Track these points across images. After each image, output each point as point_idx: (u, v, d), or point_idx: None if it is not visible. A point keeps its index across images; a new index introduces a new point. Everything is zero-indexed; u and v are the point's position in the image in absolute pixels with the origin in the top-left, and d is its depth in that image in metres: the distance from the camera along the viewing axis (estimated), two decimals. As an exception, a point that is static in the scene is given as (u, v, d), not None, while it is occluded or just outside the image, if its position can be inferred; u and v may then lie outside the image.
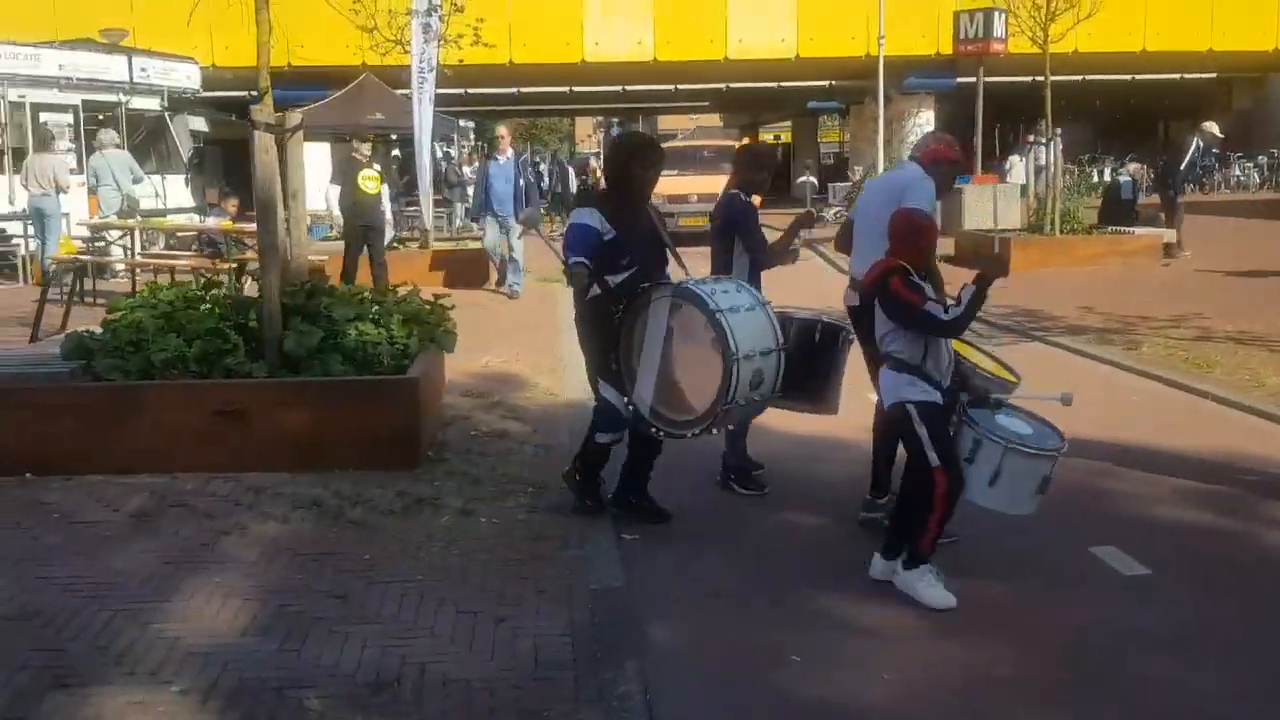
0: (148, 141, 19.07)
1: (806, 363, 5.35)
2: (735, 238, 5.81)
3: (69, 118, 16.99)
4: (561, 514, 5.42)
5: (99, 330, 6.58)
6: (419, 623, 4.17)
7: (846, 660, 4.08)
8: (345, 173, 13.07)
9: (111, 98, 17.49)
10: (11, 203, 15.47)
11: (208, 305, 6.71)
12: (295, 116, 7.29)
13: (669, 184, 23.48)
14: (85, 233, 14.03)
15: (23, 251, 14.92)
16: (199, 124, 28.22)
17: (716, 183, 21.92)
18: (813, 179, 31.23)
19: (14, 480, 5.79)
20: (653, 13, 29.59)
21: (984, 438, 4.47)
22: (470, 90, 33.72)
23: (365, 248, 12.82)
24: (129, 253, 13.41)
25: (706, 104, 46.10)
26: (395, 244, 16.32)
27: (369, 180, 12.65)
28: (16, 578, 4.57)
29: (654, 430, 5.09)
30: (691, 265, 5.43)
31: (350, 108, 24.08)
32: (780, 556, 5.11)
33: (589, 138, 77.32)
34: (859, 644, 4.21)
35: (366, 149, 13.05)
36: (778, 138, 48.62)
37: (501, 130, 14.00)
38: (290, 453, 5.97)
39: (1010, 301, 12.37)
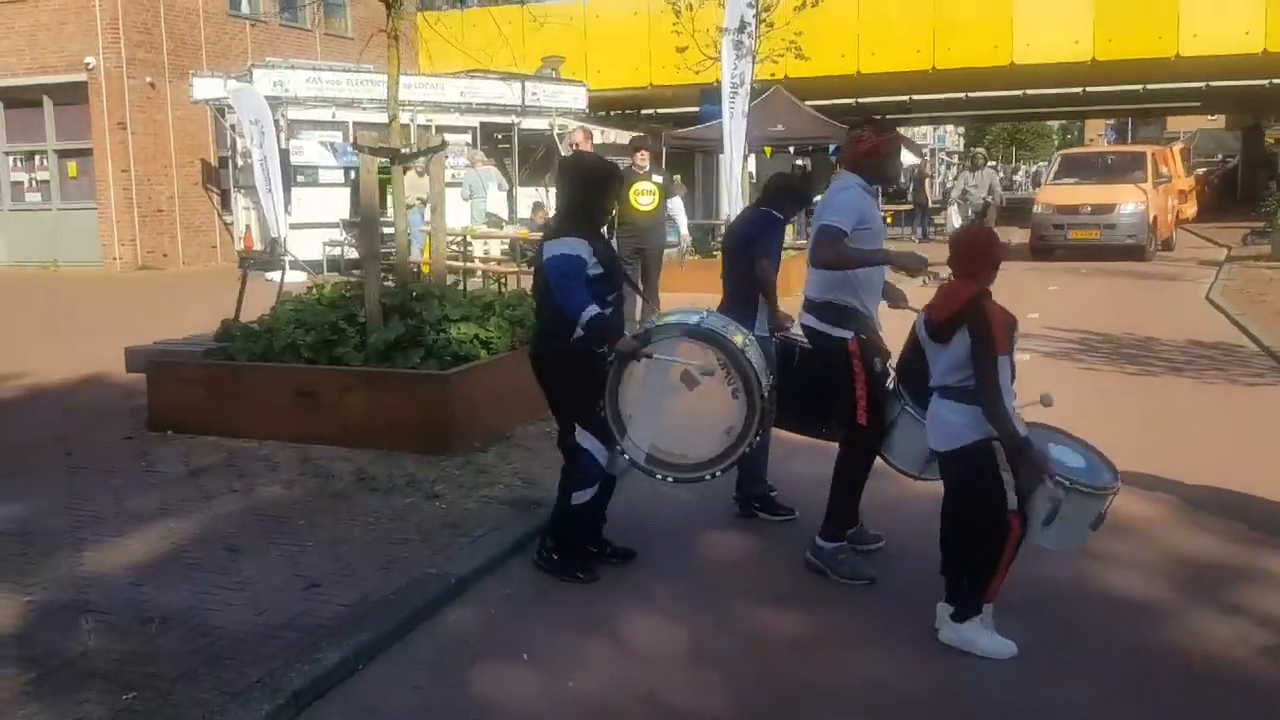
0: (545, 159, 21.35)
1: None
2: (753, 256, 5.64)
3: (468, 137, 19.60)
4: (515, 508, 5.79)
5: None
6: (252, 578, 4.82)
7: (564, 667, 4.13)
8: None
9: (505, 120, 19.89)
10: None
11: (336, 303, 7.82)
12: (437, 139, 8.24)
13: (1058, 193, 21.96)
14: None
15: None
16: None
17: (1115, 194, 20.42)
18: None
19: (157, 435, 7.26)
20: (1093, 11, 27.52)
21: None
22: (972, 94, 33.31)
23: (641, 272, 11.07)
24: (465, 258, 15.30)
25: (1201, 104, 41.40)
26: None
27: (643, 194, 11.03)
28: (52, 504, 5.87)
29: (659, 477, 4.82)
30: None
31: (752, 120, 25.12)
32: (694, 576, 5.05)
33: (1098, 138, 72.56)
34: (606, 657, 4.24)
35: (645, 159, 11.26)
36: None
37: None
38: (350, 430, 6.88)
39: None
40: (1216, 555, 5.11)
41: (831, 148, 29.16)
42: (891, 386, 4.93)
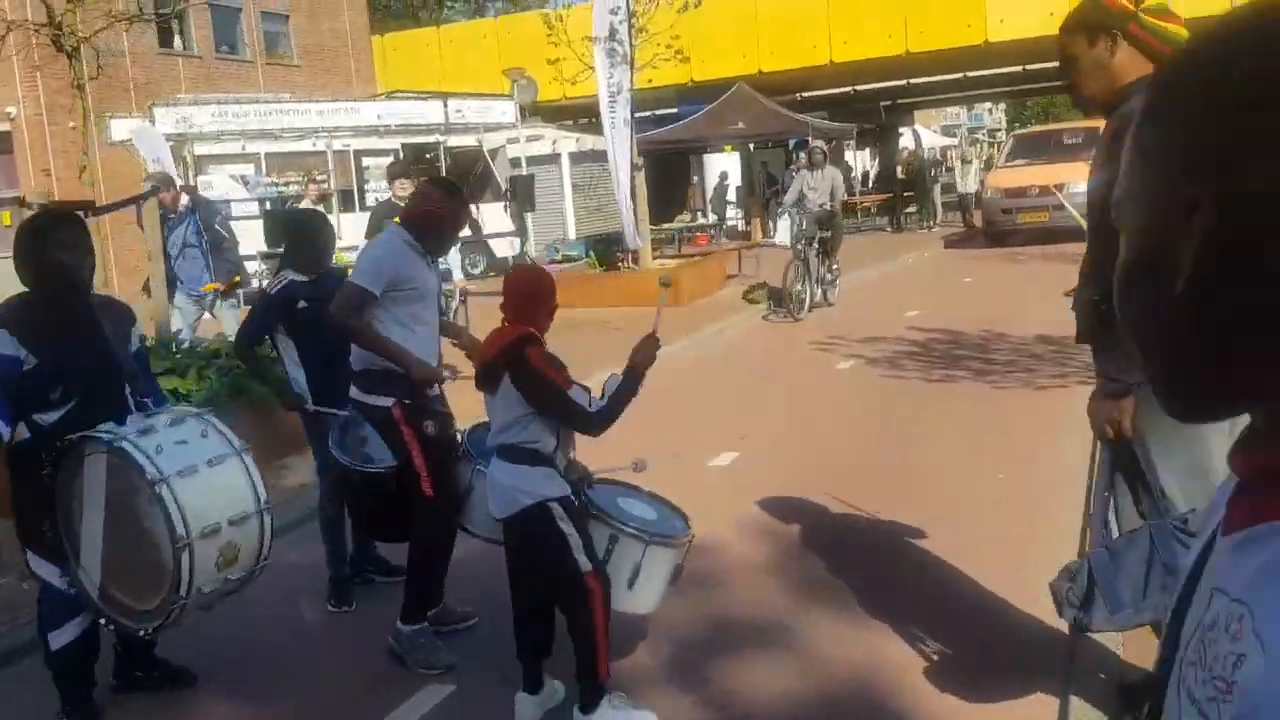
0: (484, 175, 21.19)
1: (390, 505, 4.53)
2: None
3: (389, 160, 19.48)
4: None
5: None
6: None
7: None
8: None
9: (429, 139, 19.73)
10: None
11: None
12: (146, 186, 8.04)
13: (1007, 175, 21.13)
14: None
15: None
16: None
17: (1063, 173, 19.64)
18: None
19: None
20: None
21: (621, 533, 3.81)
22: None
23: None
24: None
25: None
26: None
27: None
28: None
29: (105, 623, 3.90)
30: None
31: (714, 120, 24.73)
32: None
33: None
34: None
35: (405, 188, 8.89)
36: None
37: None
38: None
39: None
40: (762, 609, 4.69)
41: (791, 142, 28.72)
42: (462, 449, 4.51)
